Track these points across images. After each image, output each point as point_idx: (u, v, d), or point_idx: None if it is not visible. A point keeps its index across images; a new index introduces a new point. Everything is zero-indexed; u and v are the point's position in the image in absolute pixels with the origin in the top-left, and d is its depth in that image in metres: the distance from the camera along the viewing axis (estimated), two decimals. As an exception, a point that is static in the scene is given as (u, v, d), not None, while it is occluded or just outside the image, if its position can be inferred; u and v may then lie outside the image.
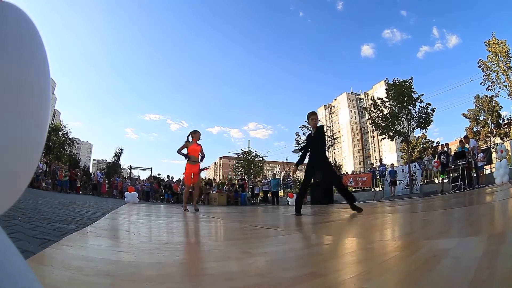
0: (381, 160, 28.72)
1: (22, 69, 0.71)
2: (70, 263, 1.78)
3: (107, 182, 29.52)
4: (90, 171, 62.75)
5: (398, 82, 21.85)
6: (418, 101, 20.92)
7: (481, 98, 43.42)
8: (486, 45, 28.40)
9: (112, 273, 1.63)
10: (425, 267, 1.63)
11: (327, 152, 9.78)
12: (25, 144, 0.74)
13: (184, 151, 9.74)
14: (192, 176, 9.92)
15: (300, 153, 7.97)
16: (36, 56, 0.77)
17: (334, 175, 8.48)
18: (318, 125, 7.61)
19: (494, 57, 27.18)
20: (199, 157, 9.91)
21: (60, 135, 49.77)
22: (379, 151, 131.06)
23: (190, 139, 9.90)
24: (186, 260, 2.13)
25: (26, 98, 0.72)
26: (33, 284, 0.71)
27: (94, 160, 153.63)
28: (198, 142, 9.93)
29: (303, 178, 7.88)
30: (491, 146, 19.29)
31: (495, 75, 26.95)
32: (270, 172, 50.73)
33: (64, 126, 51.44)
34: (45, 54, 0.81)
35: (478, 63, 28.29)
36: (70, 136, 52.68)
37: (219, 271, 1.82)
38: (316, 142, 7.45)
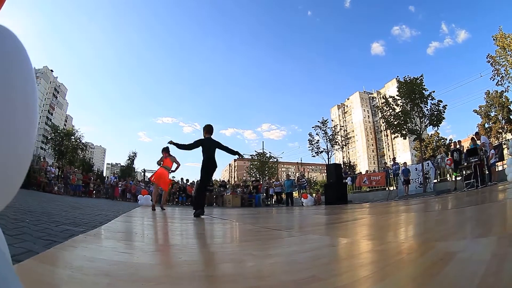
0: (394, 159, 28.51)
1: (8, 85, 0.74)
2: (72, 263, 1.80)
3: (120, 185, 29.66)
4: (104, 175, 63.15)
5: (409, 79, 21.73)
6: (430, 98, 20.78)
7: (492, 93, 42.88)
8: (493, 39, 28.09)
9: (112, 273, 1.64)
10: (431, 271, 1.60)
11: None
12: (14, 151, 0.75)
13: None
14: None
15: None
16: (23, 73, 0.79)
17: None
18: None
19: (502, 51, 26.85)
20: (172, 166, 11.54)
21: (73, 140, 50.09)
22: (393, 150, 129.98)
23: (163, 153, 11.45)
24: (188, 261, 2.12)
25: (13, 114, 0.74)
26: None
27: (108, 164, 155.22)
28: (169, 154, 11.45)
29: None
30: (503, 142, 19.03)
31: (504, 70, 26.65)
32: (284, 173, 50.67)
33: (77, 131, 51.83)
34: (32, 70, 0.84)
35: (487, 58, 27.99)
36: (83, 141, 53.06)
37: (218, 273, 1.83)
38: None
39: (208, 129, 8.74)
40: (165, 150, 11.42)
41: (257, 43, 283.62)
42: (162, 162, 11.29)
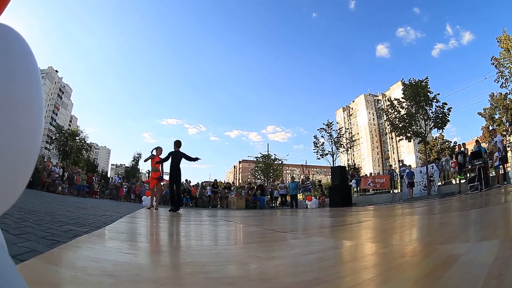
0: (402, 161, 28.47)
1: (14, 84, 0.74)
2: (76, 263, 1.80)
3: (125, 186, 29.73)
4: (109, 176, 63.24)
5: (414, 82, 21.67)
6: (435, 100, 20.69)
7: (496, 96, 42.48)
8: (498, 41, 28.04)
9: (116, 273, 1.64)
10: (434, 274, 1.58)
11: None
12: (20, 151, 0.75)
13: (148, 162, 12.66)
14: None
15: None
16: (28, 73, 0.80)
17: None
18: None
19: (506, 53, 26.82)
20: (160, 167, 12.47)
21: (77, 141, 50.10)
22: (398, 153, 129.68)
23: (154, 153, 12.49)
24: (192, 263, 2.12)
25: (19, 114, 0.75)
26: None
27: (112, 165, 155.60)
28: (160, 156, 12.24)
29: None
30: (507, 144, 18.90)
31: (508, 72, 26.62)
32: (289, 175, 50.56)
33: (81, 132, 51.85)
34: (37, 71, 0.84)
35: (491, 60, 27.97)
36: (88, 141, 53.06)
37: (223, 274, 1.82)
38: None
39: (177, 144, 10.99)
40: (160, 151, 12.53)
41: (262, 45, 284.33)
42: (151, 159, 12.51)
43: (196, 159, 11.03)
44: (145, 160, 12.85)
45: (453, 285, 1.42)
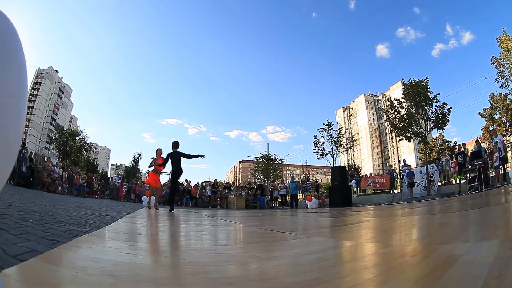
0: (404, 160, 28.46)
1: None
2: (76, 263, 1.80)
3: (125, 186, 29.72)
4: (108, 176, 63.22)
5: (414, 82, 21.63)
6: (435, 101, 20.64)
7: (496, 96, 42.42)
8: (498, 41, 28.04)
9: (116, 273, 1.64)
10: (434, 275, 1.58)
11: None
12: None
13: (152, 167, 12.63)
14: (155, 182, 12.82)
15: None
16: (12, 58, 0.77)
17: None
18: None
19: (506, 54, 26.83)
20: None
21: (77, 141, 49.96)
22: (398, 153, 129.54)
23: (155, 156, 12.52)
24: (192, 263, 2.12)
25: (4, 102, 0.72)
26: None
27: (112, 165, 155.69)
28: (161, 155, 12.32)
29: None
30: (507, 144, 18.87)
31: (508, 72, 26.62)
32: (289, 175, 50.57)
33: (81, 132, 51.70)
34: (23, 56, 0.81)
35: (491, 60, 27.95)
36: (88, 141, 52.91)
37: (223, 274, 1.82)
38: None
39: (175, 145, 11.09)
40: (160, 151, 12.60)
41: (262, 45, 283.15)
42: (154, 165, 12.42)
43: (197, 156, 10.92)
44: (149, 166, 12.85)
45: (453, 285, 1.42)
